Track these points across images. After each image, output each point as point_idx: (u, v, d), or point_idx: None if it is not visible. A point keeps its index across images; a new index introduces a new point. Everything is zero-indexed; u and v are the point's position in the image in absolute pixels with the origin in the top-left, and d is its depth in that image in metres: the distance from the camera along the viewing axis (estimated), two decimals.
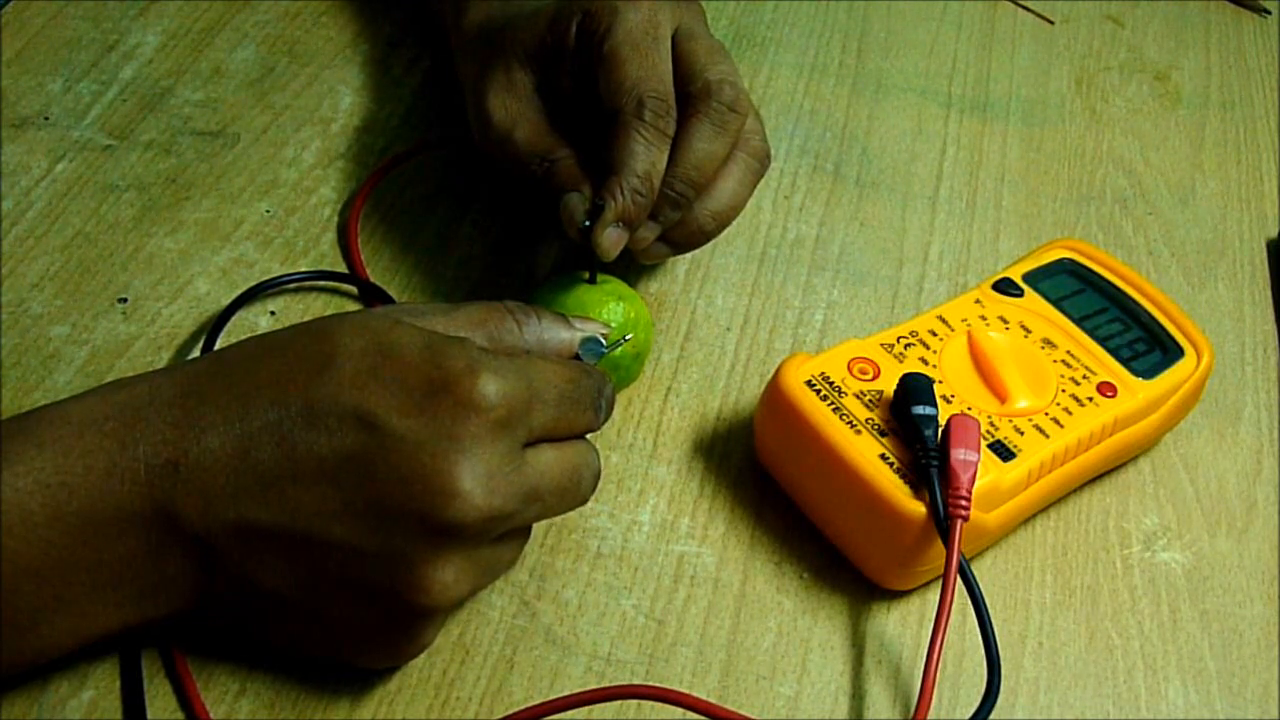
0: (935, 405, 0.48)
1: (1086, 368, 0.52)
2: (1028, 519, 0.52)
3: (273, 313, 0.55)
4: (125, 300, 0.54)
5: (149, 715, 0.42)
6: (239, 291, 0.54)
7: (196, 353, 0.52)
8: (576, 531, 0.49)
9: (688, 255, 0.58)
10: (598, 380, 0.44)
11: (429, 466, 0.38)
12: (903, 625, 0.48)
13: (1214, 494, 0.55)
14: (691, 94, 0.51)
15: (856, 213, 0.65)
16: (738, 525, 0.50)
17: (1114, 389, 0.51)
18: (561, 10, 0.53)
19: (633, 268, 0.57)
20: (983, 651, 0.45)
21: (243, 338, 0.44)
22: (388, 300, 0.55)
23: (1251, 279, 0.65)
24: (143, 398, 0.39)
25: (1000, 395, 0.50)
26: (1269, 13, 0.85)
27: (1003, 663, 0.45)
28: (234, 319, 0.53)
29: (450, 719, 0.43)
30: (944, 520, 0.45)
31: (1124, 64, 0.78)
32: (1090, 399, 0.51)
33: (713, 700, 0.42)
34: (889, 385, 0.49)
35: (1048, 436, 0.49)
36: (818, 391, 0.49)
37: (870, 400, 0.49)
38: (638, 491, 0.51)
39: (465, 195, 0.61)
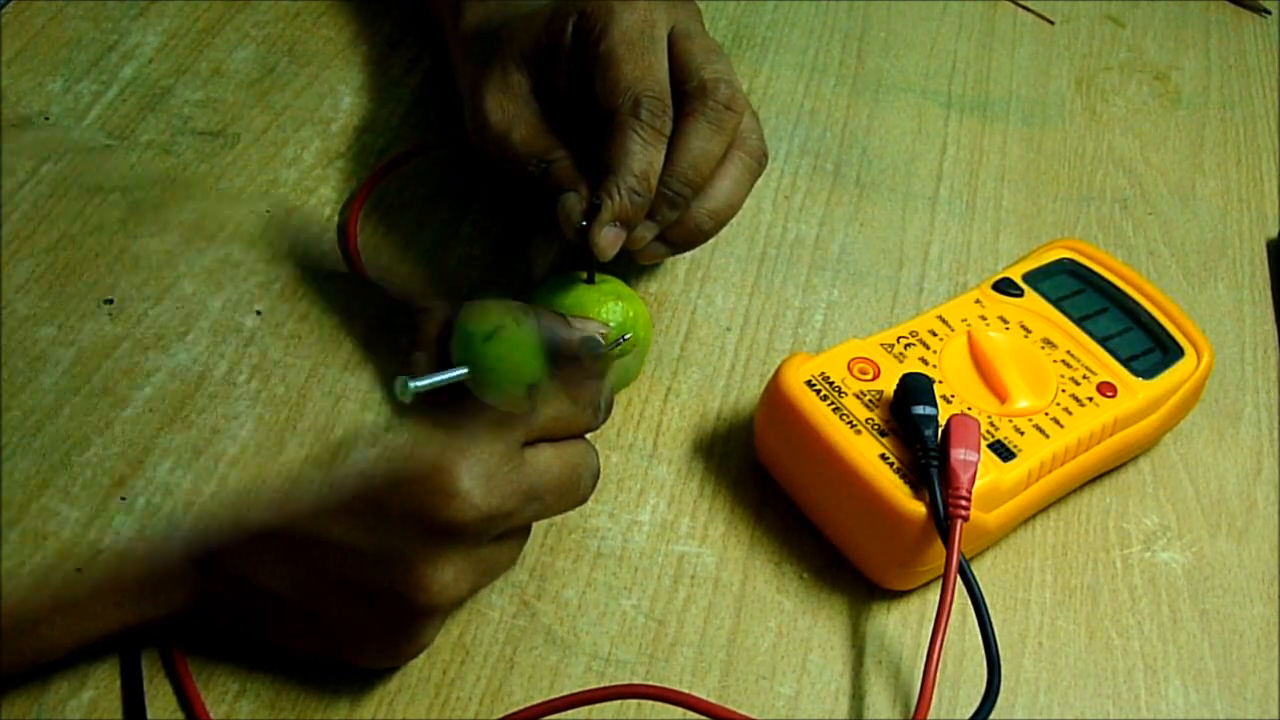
0: (935, 405, 0.48)
1: (1086, 368, 0.52)
2: (1028, 519, 0.52)
3: (258, 312, 0.55)
4: (111, 302, 0.54)
5: (149, 715, 0.42)
6: None
7: None
8: (576, 531, 0.49)
9: (687, 255, 0.58)
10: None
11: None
12: (903, 625, 0.48)
13: (1214, 494, 0.55)
14: (688, 93, 0.51)
15: (856, 213, 0.65)
16: (738, 525, 0.50)
17: (1114, 389, 0.51)
18: (557, 11, 0.53)
19: (632, 267, 0.57)
20: (983, 651, 0.45)
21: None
22: None
23: (1251, 279, 0.65)
24: None
25: (1000, 395, 0.50)
26: (1269, 13, 0.85)
27: (1003, 663, 0.45)
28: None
29: (450, 719, 0.43)
30: (944, 520, 0.45)
31: (1124, 64, 0.78)
32: (1090, 399, 0.51)
33: (713, 700, 0.42)
34: (889, 385, 0.49)
35: (1048, 436, 0.49)
36: (818, 391, 0.49)
37: (870, 400, 0.49)
38: (638, 491, 0.51)
39: (465, 195, 0.61)
